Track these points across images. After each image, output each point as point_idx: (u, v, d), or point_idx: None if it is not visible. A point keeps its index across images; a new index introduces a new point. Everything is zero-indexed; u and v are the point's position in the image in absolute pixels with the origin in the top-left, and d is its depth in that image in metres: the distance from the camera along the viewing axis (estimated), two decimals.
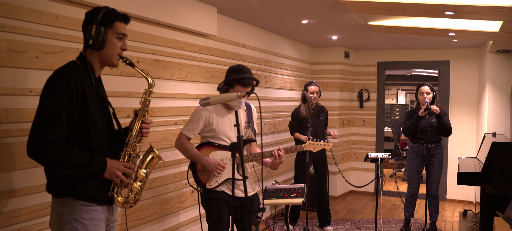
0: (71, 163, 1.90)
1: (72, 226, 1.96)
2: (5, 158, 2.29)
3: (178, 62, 3.74)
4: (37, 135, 1.85)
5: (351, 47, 7.02)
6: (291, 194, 2.67)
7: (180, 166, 3.80)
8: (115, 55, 2.08)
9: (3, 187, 2.29)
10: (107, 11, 2.04)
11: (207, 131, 2.93)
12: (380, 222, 5.56)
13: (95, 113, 2.01)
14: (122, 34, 2.08)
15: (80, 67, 2.03)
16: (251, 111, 3.06)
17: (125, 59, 2.14)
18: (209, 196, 2.93)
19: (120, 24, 2.07)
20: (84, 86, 1.95)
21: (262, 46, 5.30)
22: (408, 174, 5.11)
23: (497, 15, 3.59)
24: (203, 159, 2.87)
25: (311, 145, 3.05)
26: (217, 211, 2.90)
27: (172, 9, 3.51)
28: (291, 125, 5.16)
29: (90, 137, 1.99)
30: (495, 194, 4.32)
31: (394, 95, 12.13)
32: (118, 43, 2.08)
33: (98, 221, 2.03)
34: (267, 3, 4.03)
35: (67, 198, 1.97)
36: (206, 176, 2.93)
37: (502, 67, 5.73)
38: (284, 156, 2.85)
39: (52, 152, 1.86)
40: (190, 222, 3.96)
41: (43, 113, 1.88)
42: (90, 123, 1.98)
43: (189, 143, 2.93)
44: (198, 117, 2.91)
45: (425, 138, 4.88)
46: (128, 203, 2.13)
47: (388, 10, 3.90)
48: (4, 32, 2.29)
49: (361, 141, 7.44)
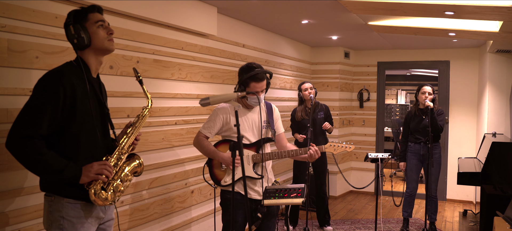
0: (41, 166, 1.90)
1: (59, 224, 1.99)
2: (5, 158, 2.29)
3: (178, 62, 3.74)
4: (15, 129, 1.89)
5: (351, 47, 7.02)
6: (291, 194, 2.67)
7: (181, 166, 3.80)
8: (105, 40, 2.10)
9: (3, 187, 2.29)
10: (76, 10, 2.09)
11: (225, 130, 2.95)
12: (380, 222, 5.56)
13: (87, 112, 2.03)
14: (101, 20, 2.10)
15: (74, 67, 2.06)
16: (272, 111, 3.06)
17: (138, 75, 2.25)
18: (226, 196, 2.95)
19: (93, 14, 2.10)
20: (75, 87, 1.98)
21: (262, 46, 5.30)
22: (407, 173, 5.10)
23: (497, 15, 3.59)
24: (218, 154, 2.89)
25: (332, 147, 3.05)
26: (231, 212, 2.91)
27: (172, 9, 3.51)
28: (291, 126, 5.20)
29: (79, 137, 2.01)
30: (495, 194, 4.32)
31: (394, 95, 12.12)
32: (101, 30, 2.10)
33: (86, 219, 2.05)
34: (267, 3, 4.03)
35: (55, 196, 2.00)
36: (222, 173, 2.95)
37: (502, 67, 5.73)
38: (319, 153, 2.92)
39: (26, 148, 1.87)
40: (190, 222, 3.96)
41: (26, 110, 1.91)
42: (79, 124, 2.00)
43: (206, 140, 2.95)
44: (215, 116, 2.94)
45: (422, 138, 4.90)
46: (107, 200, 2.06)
47: (388, 10, 3.90)
48: (4, 32, 2.29)
49: (361, 141, 7.44)
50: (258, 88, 2.85)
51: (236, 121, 2.42)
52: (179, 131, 3.76)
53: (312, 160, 2.94)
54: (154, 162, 3.47)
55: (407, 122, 5.07)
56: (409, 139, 5.06)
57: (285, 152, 2.95)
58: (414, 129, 4.97)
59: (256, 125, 2.94)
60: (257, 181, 2.92)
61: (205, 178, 3.08)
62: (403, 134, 5.13)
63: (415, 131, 4.96)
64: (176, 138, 3.72)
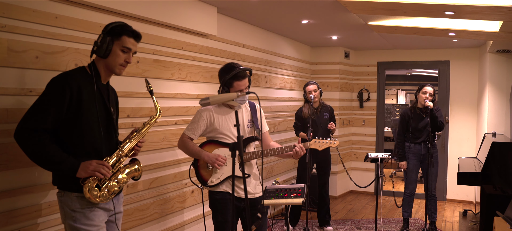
0: (44, 157, 2.04)
1: (72, 216, 2.14)
2: (5, 158, 2.29)
3: (178, 62, 3.74)
4: (21, 121, 2.05)
5: (351, 47, 7.02)
6: (291, 194, 2.67)
7: (180, 166, 3.80)
8: (117, 65, 2.23)
9: (3, 187, 2.30)
10: (119, 25, 2.22)
11: (209, 131, 2.95)
12: (380, 222, 5.56)
13: (92, 116, 2.16)
14: (127, 48, 2.23)
15: (85, 72, 2.20)
16: (255, 110, 3.06)
17: (149, 85, 2.39)
18: (214, 197, 2.94)
19: (127, 39, 2.22)
20: (82, 89, 2.12)
21: (262, 46, 5.30)
22: (407, 174, 5.10)
23: (497, 15, 3.59)
24: (203, 153, 2.89)
25: (317, 143, 3.05)
26: (222, 212, 2.90)
27: (172, 9, 3.51)
28: (295, 125, 5.16)
29: (84, 136, 2.15)
30: (495, 194, 4.32)
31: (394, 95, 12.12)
32: (122, 55, 2.23)
33: (96, 211, 2.17)
34: (267, 3, 4.03)
35: (65, 192, 2.16)
36: (208, 173, 2.94)
37: (502, 67, 5.73)
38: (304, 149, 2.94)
39: (29, 140, 2.02)
40: (190, 222, 3.96)
41: (34, 106, 2.07)
42: (84, 124, 2.14)
43: (190, 141, 2.95)
44: (198, 117, 2.93)
45: (421, 138, 4.90)
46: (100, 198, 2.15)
47: (388, 10, 3.90)
48: (4, 32, 2.29)
49: (361, 141, 7.44)
50: (242, 86, 2.85)
51: (236, 121, 2.42)
52: (179, 131, 3.76)
53: (297, 158, 2.97)
54: (154, 162, 3.47)
55: (405, 121, 5.05)
56: (407, 139, 5.05)
57: (270, 150, 2.96)
58: (414, 128, 4.96)
59: (242, 124, 2.94)
60: (246, 180, 2.91)
61: (192, 180, 3.07)
62: (400, 133, 5.11)
63: (415, 130, 4.96)
64: (176, 138, 3.72)
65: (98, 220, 2.17)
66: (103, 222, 2.21)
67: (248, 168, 2.94)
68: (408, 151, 5.03)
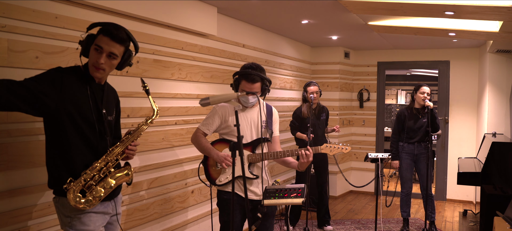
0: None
1: (68, 222, 2.10)
2: (5, 158, 2.29)
3: (178, 62, 3.74)
4: None
5: (351, 47, 7.02)
6: (291, 194, 2.67)
7: (181, 166, 3.80)
8: (90, 65, 2.13)
9: (3, 187, 2.29)
10: (100, 23, 2.14)
11: (223, 128, 2.95)
12: (380, 222, 5.56)
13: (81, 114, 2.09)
14: (99, 46, 2.09)
15: (79, 70, 2.15)
16: (271, 113, 3.04)
17: (145, 84, 2.30)
18: (222, 197, 2.93)
19: (102, 37, 2.10)
20: (71, 84, 2.06)
21: (262, 46, 5.30)
22: (402, 174, 5.09)
23: (497, 15, 3.59)
24: (213, 152, 2.88)
25: (328, 148, 3.01)
26: (228, 213, 2.89)
27: (172, 9, 3.51)
28: (292, 125, 5.14)
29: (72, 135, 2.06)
30: (495, 194, 4.32)
31: (394, 95, 12.12)
32: (95, 54, 2.10)
33: (92, 215, 2.13)
34: (267, 3, 4.03)
35: (59, 197, 2.11)
36: (216, 172, 2.94)
37: (502, 67, 5.73)
38: (311, 155, 2.81)
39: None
40: (190, 222, 3.96)
41: None
42: (68, 119, 2.05)
43: (204, 137, 2.94)
44: (214, 113, 2.94)
45: (415, 138, 4.91)
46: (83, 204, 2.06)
47: (388, 10, 3.90)
48: (4, 32, 2.29)
49: (361, 141, 7.44)
50: (247, 88, 2.82)
51: (236, 121, 2.42)
52: (179, 131, 3.76)
53: (303, 166, 2.86)
54: (154, 162, 3.47)
55: (400, 121, 5.05)
56: (401, 139, 5.05)
57: (281, 152, 2.89)
58: (410, 128, 4.96)
59: (255, 124, 2.94)
60: (253, 181, 2.91)
61: (201, 178, 3.07)
62: (394, 132, 5.11)
63: (411, 130, 4.96)
64: (176, 138, 3.72)
65: (93, 226, 2.12)
66: (99, 226, 2.16)
67: (257, 170, 2.93)
68: (402, 150, 5.03)
